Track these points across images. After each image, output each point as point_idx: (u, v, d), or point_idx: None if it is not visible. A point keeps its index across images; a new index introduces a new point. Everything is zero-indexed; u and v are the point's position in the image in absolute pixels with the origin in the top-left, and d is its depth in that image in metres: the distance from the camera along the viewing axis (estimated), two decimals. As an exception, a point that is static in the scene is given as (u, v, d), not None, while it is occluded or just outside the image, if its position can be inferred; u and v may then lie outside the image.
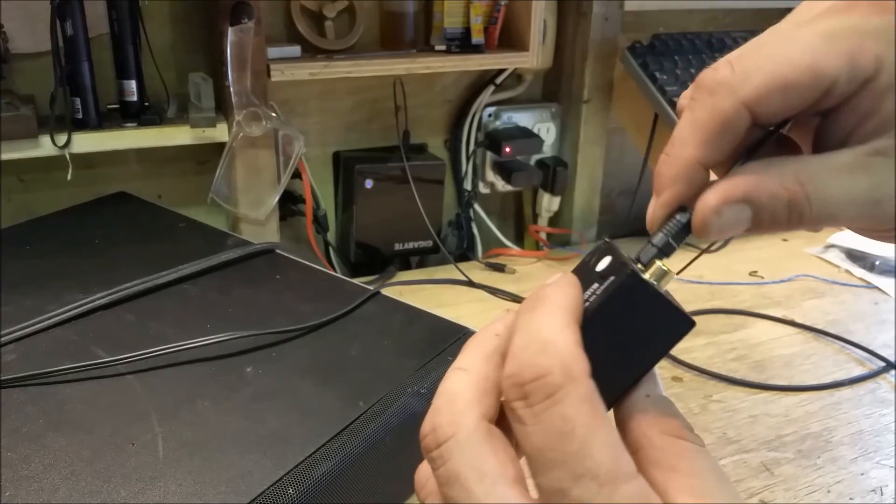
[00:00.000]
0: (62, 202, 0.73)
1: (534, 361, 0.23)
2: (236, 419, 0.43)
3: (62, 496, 0.37)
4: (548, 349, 0.23)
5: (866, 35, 0.25)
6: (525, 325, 0.25)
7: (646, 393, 0.26)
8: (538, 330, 0.24)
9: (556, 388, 0.23)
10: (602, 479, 0.22)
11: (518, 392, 0.23)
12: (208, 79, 0.76)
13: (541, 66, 0.94)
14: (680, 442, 0.24)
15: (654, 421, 0.25)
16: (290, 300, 0.56)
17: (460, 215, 1.00)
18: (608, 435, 0.23)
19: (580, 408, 0.22)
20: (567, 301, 0.25)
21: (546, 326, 0.24)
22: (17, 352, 0.48)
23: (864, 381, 0.70)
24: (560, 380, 0.23)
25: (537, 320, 0.25)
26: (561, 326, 0.24)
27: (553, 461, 0.23)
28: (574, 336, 0.24)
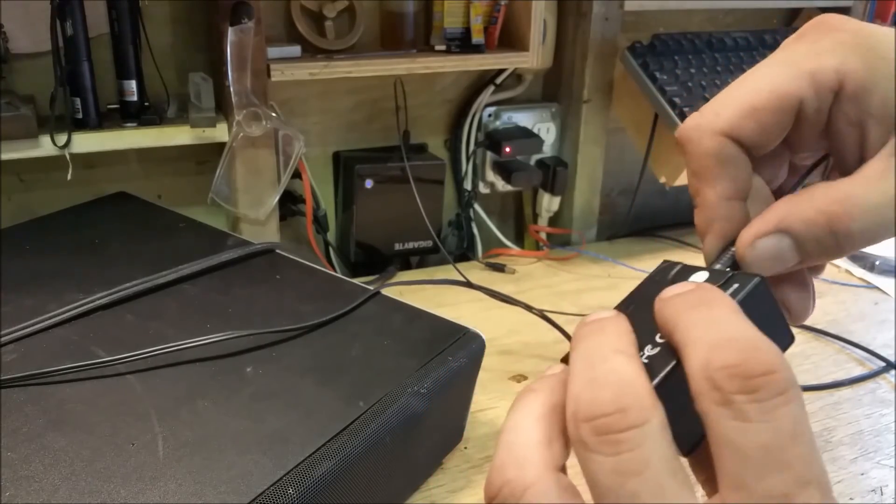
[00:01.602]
0: (62, 202, 0.73)
1: (760, 357, 0.22)
2: (236, 419, 0.43)
3: (62, 496, 0.37)
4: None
5: (820, 52, 0.27)
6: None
7: None
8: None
9: (786, 387, 0.22)
10: (824, 488, 0.21)
11: (742, 385, 0.22)
12: (208, 79, 0.76)
13: (541, 66, 0.94)
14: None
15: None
16: (291, 300, 0.56)
17: (460, 215, 1.00)
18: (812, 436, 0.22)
19: (805, 414, 0.22)
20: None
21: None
22: (17, 352, 0.48)
23: (864, 381, 0.70)
24: (788, 382, 0.22)
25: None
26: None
27: (781, 463, 0.21)
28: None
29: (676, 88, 0.86)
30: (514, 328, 0.77)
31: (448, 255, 0.92)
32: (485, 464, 0.57)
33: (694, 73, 0.89)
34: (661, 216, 1.12)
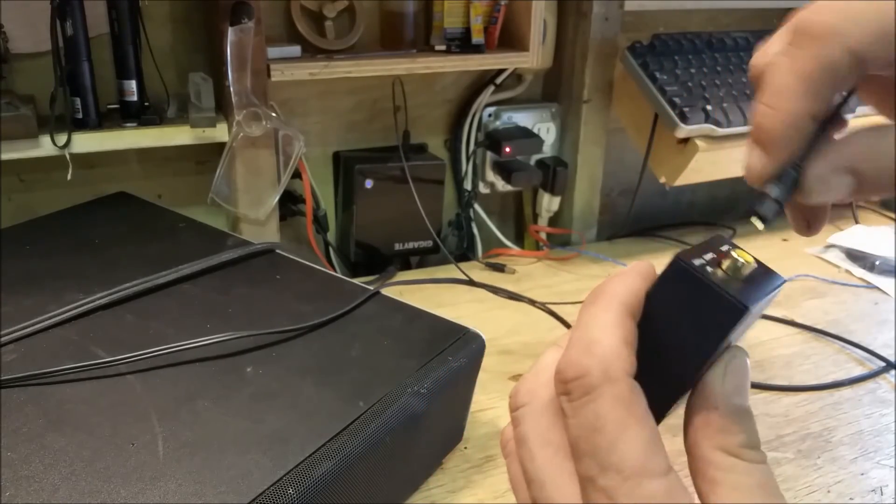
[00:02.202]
0: (62, 202, 0.73)
1: (577, 361, 0.25)
2: (236, 419, 0.43)
3: (62, 496, 0.37)
4: (592, 349, 0.25)
5: None
6: (581, 320, 0.27)
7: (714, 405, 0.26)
8: (589, 327, 0.26)
9: (593, 387, 0.25)
10: (626, 473, 0.23)
11: (562, 388, 0.25)
12: (208, 79, 0.76)
13: (541, 66, 0.94)
14: (730, 459, 0.25)
15: (712, 434, 0.26)
16: (291, 300, 0.56)
17: (460, 215, 1.00)
18: (640, 433, 0.24)
19: (614, 406, 0.24)
20: (624, 294, 0.26)
21: (596, 324, 0.26)
22: (17, 352, 0.48)
23: (864, 381, 0.70)
24: (597, 380, 0.25)
25: (591, 316, 0.26)
26: (611, 324, 0.26)
27: (585, 451, 0.25)
28: (620, 334, 0.25)
29: (676, 88, 0.86)
30: (514, 328, 0.77)
31: (449, 255, 0.92)
32: (485, 464, 0.57)
33: (694, 73, 0.89)
34: (661, 216, 1.12)
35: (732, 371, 0.26)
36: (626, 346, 0.25)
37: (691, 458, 0.26)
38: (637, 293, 0.27)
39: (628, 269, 0.28)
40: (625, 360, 0.25)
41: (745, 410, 0.26)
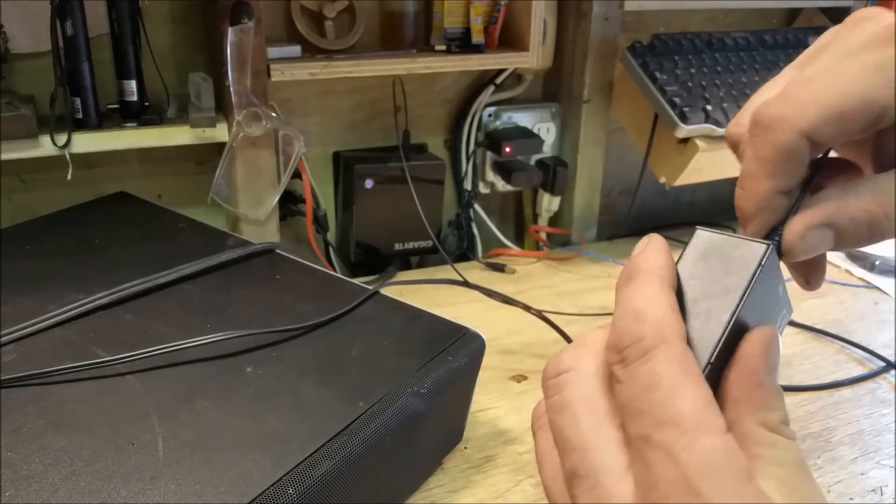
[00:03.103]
0: (62, 202, 0.73)
1: (630, 329, 0.26)
2: (236, 419, 0.43)
3: (62, 496, 0.37)
4: (641, 318, 0.26)
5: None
6: (622, 298, 0.28)
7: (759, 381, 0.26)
8: (632, 301, 0.27)
9: (649, 349, 0.25)
10: (685, 426, 0.24)
11: (617, 357, 0.26)
12: (208, 79, 0.76)
13: (541, 66, 0.94)
14: (772, 435, 0.26)
15: (755, 409, 0.26)
16: (290, 300, 0.56)
17: (460, 215, 1.00)
18: (697, 391, 0.24)
19: (670, 365, 0.25)
20: (658, 268, 0.28)
21: (639, 297, 0.27)
22: (16, 352, 0.48)
23: (864, 381, 0.70)
24: (652, 342, 0.25)
25: (631, 292, 0.27)
26: (653, 295, 0.27)
27: (639, 410, 0.25)
28: (667, 301, 0.26)
29: (676, 88, 0.86)
30: (514, 328, 0.77)
31: (447, 256, 0.92)
32: (485, 464, 0.57)
33: (694, 73, 0.89)
34: (661, 216, 1.12)
35: (774, 348, 0.27)
36: (674, 312, 0.26)
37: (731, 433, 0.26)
38: (668, 265, 0.28)
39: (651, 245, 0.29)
40: (676, 324, 0.26)
41: (780, 389, 0.27)
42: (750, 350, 0.27)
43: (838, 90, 0.27)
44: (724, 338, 0.27)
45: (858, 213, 0.28)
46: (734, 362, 0.27)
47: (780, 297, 0.30)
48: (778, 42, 0.96)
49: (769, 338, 0.27)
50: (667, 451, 0.23)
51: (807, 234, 0.29)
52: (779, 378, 0.27)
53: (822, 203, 0.29)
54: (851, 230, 0.28)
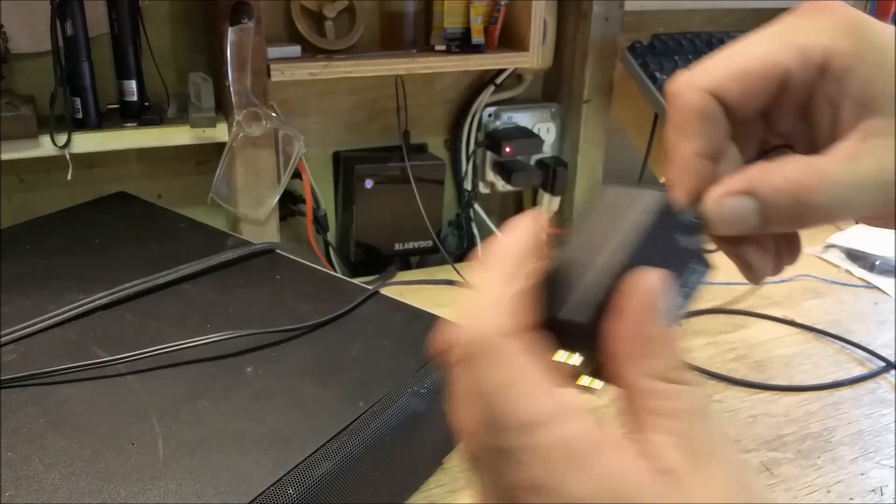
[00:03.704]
0: (62, 202, 0.73)
1: (464, 329, 0.25)
2: (236, 419, 0.43)
3: (62, 496, 0.37)
4: (476, 312, 0.25)
5: (814, 30, 0.27)
6: (473, 280, 0.26)
7: (642, 333, 0.25)
8: (476, 288, 0.26)
9: (475, 353, 0.24)
10: (518, 427, 0.23)
11: (443, 360, 0.25)
12: (208, 79, 0.76)
13: (541, 66, 0.94)
14: (661, 384, 0.24)
15: (639, 362, 0.25)
16: (290, 300, 0.56)
17: (460, 215, 1.00)
18: (529, 387, 0.23)
19: (498, 369, 0.24)
20: (513, 246, 0.26)
21: (481, 284, 0.26)
22: (17, 352, 0.48)
23: (864, 381, 0.70)
24: (480, 346, 0.24)
25: (479, 276, 0.26)
26: (496, 281, 0.25)
27: (476, 422, 0.24)
28: (503, 291, 0.25)
29: (676, 88, 0.86)
30: (514, 328, 0.76)
31: (447, 256, 0.92)
32: (485, 464, 0.57)
33: (694, 73, 0.89)
34: (661, 216, 1.12)
35: (657, 294, 0.25)
36: (510, 301, 0.25)
37: (622, 393, 0.25)
38: (526, 242, 0.26)
39: (518, 222, 0.27)
40: (505, 317, 0.24)
41: (670, 334, 0.25)
42: (628, 301, 0.25)
43: (741, 53, 0.28)
44: (605, 283, 0.25)
45: (782, 183, 0.27)
46: (616, 315, 0.25)
47: (685, 249, 0.28)
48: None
49: (650, 284, 0.25)
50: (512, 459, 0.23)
51: (725, 201, 0.27)
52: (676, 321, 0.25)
53: (744, 171, 0.28)
54: (775, 202, 0.27)
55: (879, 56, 0.27)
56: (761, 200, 0.27)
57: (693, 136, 0.28)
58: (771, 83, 0.27)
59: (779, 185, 0.27)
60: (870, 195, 0.26)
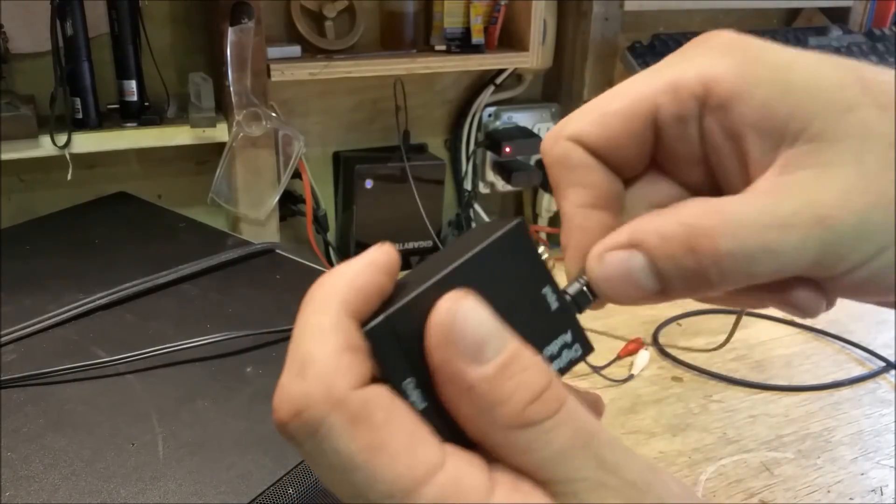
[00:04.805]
0: (62, 202, 0.73)
1: (291, 393, 0.19)
2: (236, 419, 0.43)
3: (62, 496, 0.37)
4: (306, 371, 0.20)
5: (685, 60, 0.24)
6: (295, 329, 0.21)
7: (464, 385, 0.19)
8: (302, 339, 0.20)
9: (320, 421, 0.19)
10: (401, 494, 0.19)
11: (285, 432, 0.20)
12: (208, 79, 0.76)
13: (541, 66, 0.94)
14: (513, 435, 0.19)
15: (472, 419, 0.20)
16: (290, 300, 0.56)
17: (460, 215, 1.00)
18: (396, 444, 0.19)
19: (353, 433, 0.19)
20: (344, 289, 0.21)
21: (309, 333, 0.20)
22: (17, 352, 0.48)
23: (864, 381, 0.70)
24: (323, 409, 0.19)
25: (303, 323, 0.21)
26: (326, 329, 0.20)
27: (348, 496, 0.20)
28: (338, 341, 0.20)
29: (676, 88, 0.86)
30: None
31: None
32: (485, 464, 0.57)
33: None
34: (661, 216, 1.12)
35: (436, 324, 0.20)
36: (349, 352, 0.20)
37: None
38: (363, 285, 0.21)
39: (357, 258, 0.22)
40: (348, 371, 0.19)
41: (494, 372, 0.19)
42: (427, 338, 0.20)
43: (606, 95, 0.24)
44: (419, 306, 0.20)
45: (671, 227, 0.21)
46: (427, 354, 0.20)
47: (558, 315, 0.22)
48: (778, 42, 0.95)
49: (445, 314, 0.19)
50: None
51: (606, 257, 0.22)
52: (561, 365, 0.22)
53: (632, 220, 0.22)
54: (667, 253, 0.21)
55: (776, 73, 0.22)
56: (650, 253, 0.21)
57: (566, 188, 0.25)
58: (637, 120, 0.24)
59: (668, 231, 0.21)
60: (802, 240, 0.20)
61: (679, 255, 0.21)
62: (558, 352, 0.22)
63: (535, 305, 0.22)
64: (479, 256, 0.21)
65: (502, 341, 0.20)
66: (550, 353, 0.22)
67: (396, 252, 0.22)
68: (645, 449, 0.59)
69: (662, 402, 0.65)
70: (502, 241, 0.21)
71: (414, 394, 0.20)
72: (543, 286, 0.22)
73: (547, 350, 0.22)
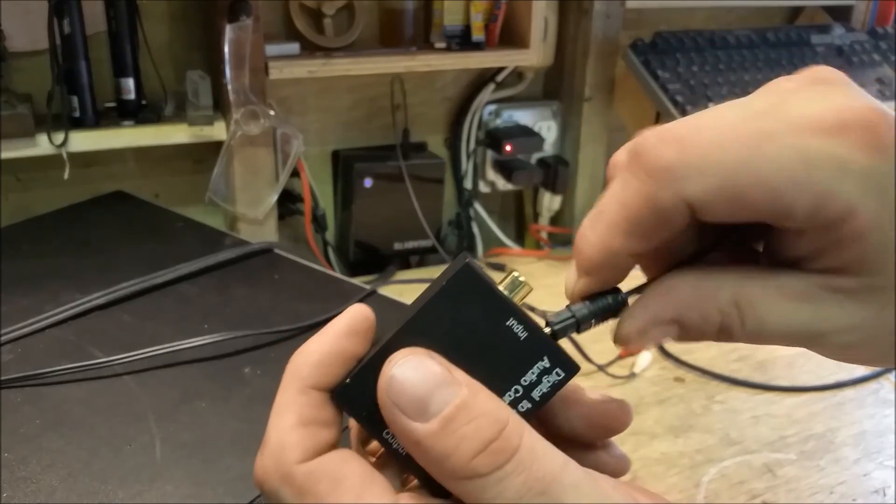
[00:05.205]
0: (59, 201, 0.72)
1: (256, 467, 0.22)
2: (234, 420, 0.43)
3: (60, 497, 0.37)
4: (264, 447, 0.22)
5: (847, 175, 0.20)
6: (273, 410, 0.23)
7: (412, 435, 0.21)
8: (270, 417, 0.23)
9: (275, 493, 0.22)
10: None
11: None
12: (206, 77, 0.75)
13: (542, 63, 0.94)
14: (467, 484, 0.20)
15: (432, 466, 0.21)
16: (289, 300, 0.56)
17: (460, 214, 0.99)
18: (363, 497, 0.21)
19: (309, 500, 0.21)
20: (302, 366, 0.23)
21: (273, 411, 0.23)
22: (13, 352, 0.48)
23: (866, 382, 0.69)
24: (275, 483, 0.22)
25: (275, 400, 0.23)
26: (283, 408, 0.22)
27: None
28: (290, 418, 0.22)
29: (679, 87, 0.85)
30: (514, 328, 0.76)
31: (447, 256, 0.92)
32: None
33: (696, 71, 0.88)
34: (661, 215, 1.11)
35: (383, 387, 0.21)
36: (300, 427, 0.22)
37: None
38: (325, 356, 0.23)
39: (325, 327, 0.24)
40: (296, 447, 0.21)
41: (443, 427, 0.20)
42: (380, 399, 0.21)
43: (749, 167, 0.21)
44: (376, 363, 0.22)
45: (712, 314, 0.23)
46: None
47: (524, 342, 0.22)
48: (780, 40, 0.95)
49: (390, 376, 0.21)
50: None
51: (651, 330, 0.23)
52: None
53: (675, 294, 0.23)
54: (699, 325, 0.23)
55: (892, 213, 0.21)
56: (686, 326, 0.23)
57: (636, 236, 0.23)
58: (766, 215, 0.21)
59: (709, 316, 0.23)
60: (793, 341, 0.23)
61: (709, 331, 0.23)
62: (538, 379, 0.22)
63: (501, 339, 0.22)
64: (432, 305, 0.22)
65: (449, 394, 0.20)
66: (529, 381, 0.22)
67: (368, 313, 0.24)
68: (647, 450, 0.59)
69: (665, 403, 0.65)
70: (453, 285, 0.22)
71: (395, 442, 0.22)
72: (507, 319, 0.22)
73: (525, 378, 0.22)
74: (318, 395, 0.22)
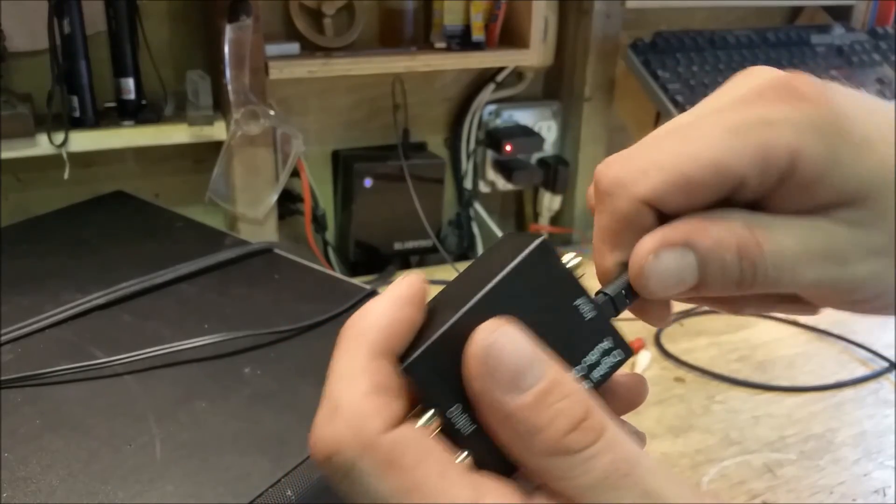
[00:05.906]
0: (59, 201, 0.72)
1: (323, 433, 0.21)
2: (234, 420, 0.43)
3: (60, 497, 0.37)
4: (336, 415, 0.21)
5: (778, 126, 0.22)
6: (330, 370, 0.22)
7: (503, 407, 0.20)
8: (333, 381, 0.21)
9: (351, 465, 0.20)
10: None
11: (325, 469, 0.20)
12: (206, 77, 0.75)
13: (542, 63, 0.94)
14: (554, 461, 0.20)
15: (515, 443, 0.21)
16: (289, 300, 0.56)
17: (460, 214, 0.99)
18: (428, 485, 0.19)
19: (384, 476, 0.20)
20: (371, 329, 0.21)
21: (339, 376, 0.21)
22: (13, 352, 0.48)
23: (866, 382, 0.69)
24: (353, 453, 0.20)
25: (334, 365, 0.22)
26: (355, 373, 0.21)
27: None
28: (366, 383, 0.21)
29: (679, 86, 0.85)
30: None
31: (447, 255, 0.92)
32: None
33: (696, 70, 0.88)
34: (661, 215, 1.11)
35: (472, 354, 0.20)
36: (376, 394, 0.20)
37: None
38: (391, 322, 0.21)
39: (382, 294, 0.22)
40: (376, 415, 0.20)
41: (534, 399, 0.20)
42: (466, 367, 0.20)
43: (687, 154, 0.23)
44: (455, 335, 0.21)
45: (725, 236, 0.23)
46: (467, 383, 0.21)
47: (593, 324, 0.23)
48: (780, 40, 0.95)
49: (482, 342, 0.20)
50: None
51: (662, 252, 0.23)
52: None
53: (685, 220, 0.23)
54: (717, 258, 0.23)
55: (858, 155, 0.23)
56: (702, 255, 0.23)
57: (618, 246, 0.24)
58: (721, 190, 0.23)
59: (722, 239, 0.23)
60: (818, 268, 0.23)
61: (730, 262, 0.23)
62: (598, 360, 0.23)
63: (569, 318, 0.22)
64: (508, 278, 0.22)
65: (542, 369, 0.20)
66: (590, 363, 0.23)
67: (423, 281, 0.23)
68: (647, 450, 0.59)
69: (665, 403, 0.65)
70: (528, 260, 0.22)
71: (461, 419, 0.21)
72: (576, 298, 0.23)
73: (586, 360, 0.23)
74: (386, 362, 0.21)
